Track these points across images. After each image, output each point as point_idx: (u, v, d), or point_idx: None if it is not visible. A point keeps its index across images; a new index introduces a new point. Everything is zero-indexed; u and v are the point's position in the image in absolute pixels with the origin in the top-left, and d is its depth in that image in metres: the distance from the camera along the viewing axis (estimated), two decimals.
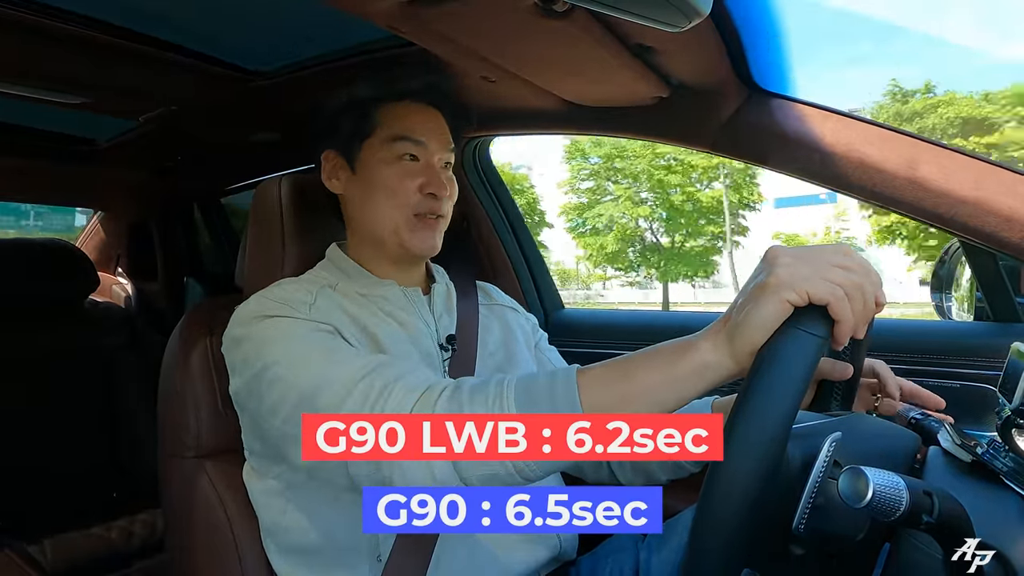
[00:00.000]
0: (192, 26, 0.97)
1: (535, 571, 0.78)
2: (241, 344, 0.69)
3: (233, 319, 0.72)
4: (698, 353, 0.50)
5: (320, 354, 0.63)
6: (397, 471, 0.55)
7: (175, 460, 0.79)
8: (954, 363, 0.91)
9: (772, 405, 0.41)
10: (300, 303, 0.70)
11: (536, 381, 0.54)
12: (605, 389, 0.52)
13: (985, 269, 0.96)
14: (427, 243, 0.79)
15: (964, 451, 0.52)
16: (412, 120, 0.80)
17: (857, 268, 0.46)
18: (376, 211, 0.79)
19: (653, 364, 0.52)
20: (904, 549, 0.46)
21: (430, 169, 0.79)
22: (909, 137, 0.81)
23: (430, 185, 0.78)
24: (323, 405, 0.59)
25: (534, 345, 0.93)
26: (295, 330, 0.67)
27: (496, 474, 0.53)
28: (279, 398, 0.63)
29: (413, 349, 0.76)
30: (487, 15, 0.67)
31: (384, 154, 0.78)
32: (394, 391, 0.57)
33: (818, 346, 0.44)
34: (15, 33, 0.88)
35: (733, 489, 0.40)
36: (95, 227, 2.12)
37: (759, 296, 0.46)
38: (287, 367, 0.63)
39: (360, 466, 0.57)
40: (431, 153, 0.80)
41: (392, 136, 0.79)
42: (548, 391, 0.53)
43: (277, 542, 0.74)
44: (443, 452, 0.50)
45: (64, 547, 1.26)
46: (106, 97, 1.20)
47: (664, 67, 0.84)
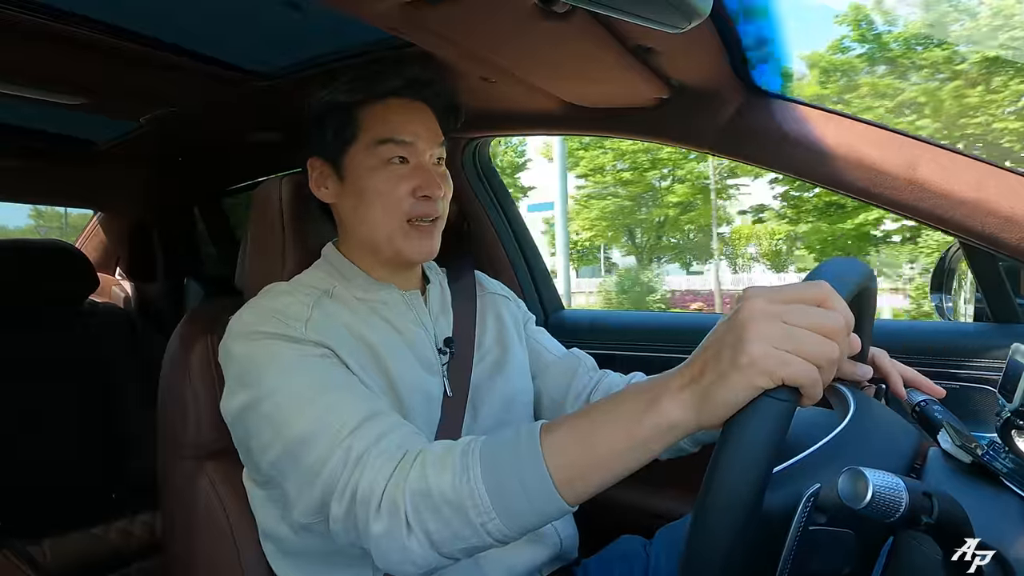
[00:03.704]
0: (192, 27, 0.97)
1: (537, 570, 0.78)
2: (234, 360, 0.68)
3: (228, 330, 0.70)
4: (663, 415, 0.46)
5: (312, 396, 0.62)
6: (375, 550, 0.56)
7: (175, 461, 0.79)
8: (954, 363, 0.91)
9: (741, 478, 0.40)
10: (295, 319, 0.68)
11: (501, 450, 0.53)
12: (570, 456, 0.50)
13: (985, 270, 0.96)
14: (424, 249, 0.77)
15: (964, 452, 0.52)
16: (396, 120, 0.76)
17: (834, 328, 0.42)
18: (368, 220, 0.76)
19: (618, 425, 0.48)
20: (904, 550, 0.46)
21: (421, 170, 0.76)
22: (909, 138, 0.81)
23: (423, 187, 0.75)
24: (309, 462, 0.59)
25: (524, 332, 0.93)
26: (290, 360, 0.65)
27: (476, 546, 0.53)
28: (268, 441, 0.63)
29: (412, 356, 0.76)
30: (487, 16, 0.67)
31: (371, 160, 0.75)
32: (370, 460, 0.57)
33: (788, 411, 0.42)
34: (15, 33, 0.88)
35: (712, 556, 0.40)
36: (95, 227, 2.12)
37: (729, 373, 0.42)
38: (278, 408, 0.62)
39: (340, 536, 0.59)
40: (420, 152, 0.76)
41: (377, 139, 0.75)
42: (514, 463, 0.51)
43: (276, 545, 0.74)
44: (421, 538, 0.53)
45: (63, 547, 1.26)
46: (106, 98, 1.20)
47: (664, 68, 0.84)
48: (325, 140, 0.78)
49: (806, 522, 0.42)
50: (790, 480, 0.43)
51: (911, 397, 0.65)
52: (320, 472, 0.58)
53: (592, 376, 0.91)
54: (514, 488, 0.50)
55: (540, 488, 0.50)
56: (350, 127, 0.76)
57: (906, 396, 0.66)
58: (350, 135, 0.76)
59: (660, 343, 1.20)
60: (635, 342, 1.22)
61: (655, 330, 1.24)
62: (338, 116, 0.77)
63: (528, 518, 0.51)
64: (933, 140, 0.80)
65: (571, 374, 0.91)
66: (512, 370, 0.85)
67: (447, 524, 0.52)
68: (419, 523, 0.53)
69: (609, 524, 0.92)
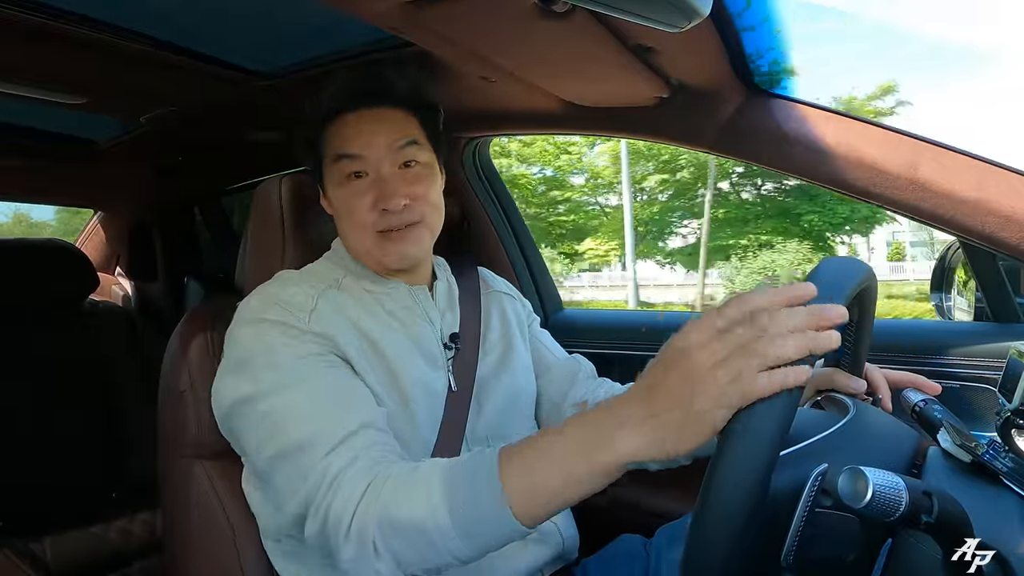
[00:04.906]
0: (193, 27, 0.97)
1: (539, 569, 0.78)
2: (236, 345, 0.70)
3: (236, 315, 0.72)
4: (625, 444, 0.46)
5: (303, 408, 0.64)
6: (347, 573, 0.58)
7: (174, 460, 0.79)
8: (954, 363, 0.91)
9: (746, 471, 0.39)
10: (300, 309, 0.69)
11: (462, 476, 0.54)
12: (528, 481, 0.51)
13: (985, 269, 0.96)
14: (401, 255, 0.76)
15: (964, 451, 0.52)
16: (345, 134, 0.76)
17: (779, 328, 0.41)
18: (347, 235, 0.78)
19: (578, 452, 0.48)
20: (904, 549, 0.46)
21: (379, 183, 0.75)
22: (910, 138, 0.81)
23: (381, 200, 0.74)
24: (292, 474, 0.62)
25: (528, 331, 0.94)
26: (289, 361, 0.66)
27: (440, 566, 0.55)
28: (263, 439, 0.64)
29: (416, 351, 0.76)
30: (487, 15, 0.67)
31: (335, 176, 0.77)
32: (343, 483, 0.58)
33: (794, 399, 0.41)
34: (15, 33, 0.88)
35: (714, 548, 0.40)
36: (95, 227, 2.12)
37: (684, 421, 0.42)
38: (269, 413, 0.64)
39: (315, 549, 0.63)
40: (376, 163, 0.75)
41: (334, 157, 0.76)
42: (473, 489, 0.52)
43: (277, 544, 0.74)
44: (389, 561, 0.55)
45: (64, 547, 1.26)
46: (106, 97, 1.20)
47: (664, 67, 0.84)
48: (308, 159, 0.82)
49: (812, 503, 0.42)
50: (796, 462, 0.43)
51: (911, 397, 0.65)
52: (299, 489, 0.61)
53: (591, 384, 0.92)
54: (473, 514, 0.52)
55: (498, 514, 0.51)
56: (318, 147, 0.79)
57: (891, 410, 0.67)
58: (320, 154, 0.79)
59: (660, 343, 1.19)
60: (635, 342, 1.22)
61: (655, 330, 1.24)
62: (308, 137, 0.80)
63: (487, 540, 0.53)
64: (934, 140, 0.80)
65: (571, 379, 0.91)
66: (516, 366, 0.86)
67: (412, 547, 0.54)
68: (386, 548, 0.55)
69: (609, 523, 0.92)
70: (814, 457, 0.45)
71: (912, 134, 0.81)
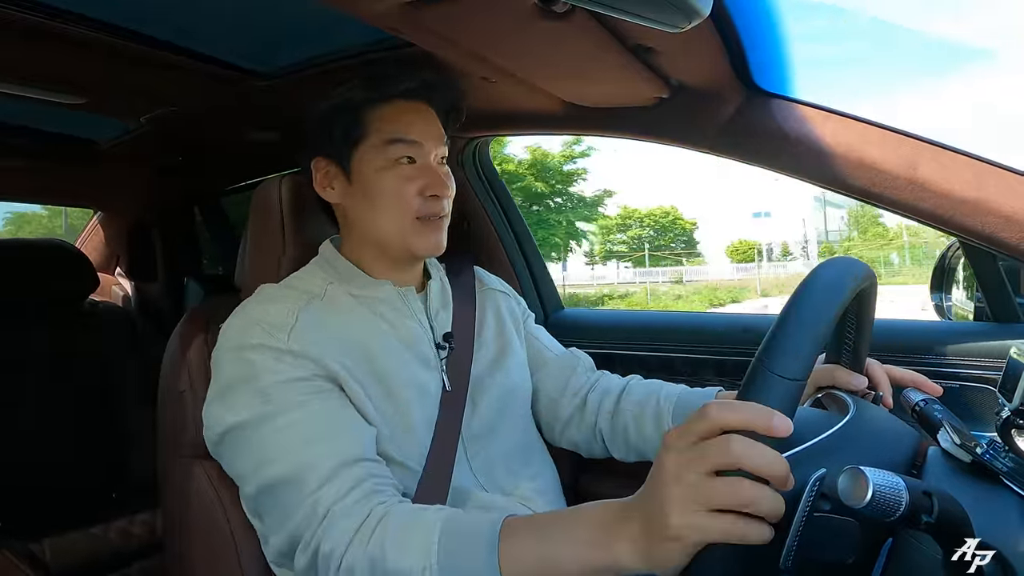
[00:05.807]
0: (192, 27, 0.97)
1: None
2: (222, 374, 0.69)
3: (219, 338, 0.71)
4: (620, 556, 0.46)
5: (288, 441, 0.63)
6: None
7: (174, 460, 0.79)
8: (954, 363, 0.91)
9: None
10: (279, 328, 0.68)
11: (461, 543, 0.54)
12: (524, 564, 0.51)
13: (985, 269, 0.96)
14: (432, 243, 0.78)
15: (964, 451, 0.52)
16: (404, 120, 0.77)
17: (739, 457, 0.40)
18: (379, 219, 0.77)
19: (575, 551, 0.49)
20: (904, 549, 0.46)
21: (429, 170, 0.77)
22: (909, 137, 0.81)
23: (431, 187, 0.76)
24: (279, 508, 0.62)
25: (523, 329, 0.94)
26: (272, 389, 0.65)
27: None
28: (249, 471, 0.65)
29: (407, 353, 0.76)
30: (487, 16, 0.67)
31: (379, 160, 0.76)
32: (335, 519, 0.58)
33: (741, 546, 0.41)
34: (15, 33, 0.88)
35: None
36: (95, 227, 2.12)
37: (665, 542, 0.42)
38: (255, 446, 0.64)
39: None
40: (427, 152, 0.78)
41: (386, 140, 0.76)
42: (472, 560, 0.52)
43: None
44: None
45: (64, 547, 1.26)
46: (107, 97, 1.20)
47: (664, 68, 0.84)
48: (331, 140, 0.78)
49: (811, 507, 0.42)
50: (795, 465, 0.43)
51: (911, 397, 0.65)
52: (285, 523, 0.61)
53: (590, 376, 0.92)
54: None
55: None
56: (358, 127, 0.77)
57: (892, 406, 0.67)
58: (358, 135, 0.77)
59: (659, 343, 1.20)
60: (634, 341, 1.22)
61: (654, 330, 1.24)
62: (346, 117, 0.78)
63: None
64: (934, 140, 0.80)
65: (569, 372, 0.92)
66: (511, 365, 0.86)
67: None
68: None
69: None
70: (813, 460, 0.45)
71: (912, 134, 0.81)
